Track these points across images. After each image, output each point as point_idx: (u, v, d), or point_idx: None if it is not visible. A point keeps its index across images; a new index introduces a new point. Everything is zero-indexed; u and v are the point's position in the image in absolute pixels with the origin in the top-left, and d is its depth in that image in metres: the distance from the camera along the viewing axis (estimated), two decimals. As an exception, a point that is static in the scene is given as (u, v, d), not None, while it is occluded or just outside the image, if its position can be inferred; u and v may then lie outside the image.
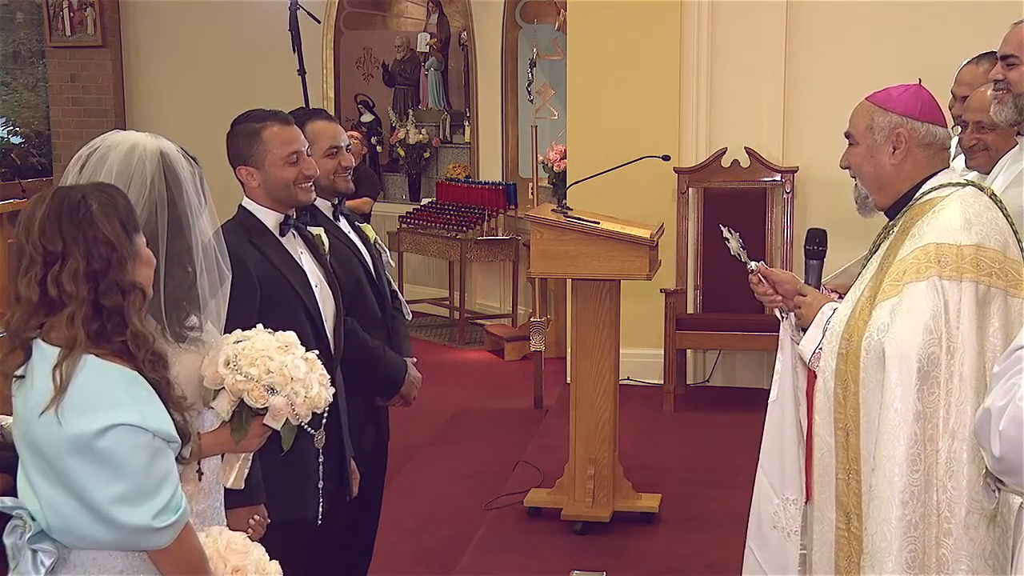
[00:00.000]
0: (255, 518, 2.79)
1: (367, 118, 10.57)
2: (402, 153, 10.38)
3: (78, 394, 2.08)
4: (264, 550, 2.42)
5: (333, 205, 3.76)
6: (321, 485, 3.25)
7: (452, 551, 4.91)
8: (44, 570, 2.13)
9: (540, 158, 8.63)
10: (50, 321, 2.13)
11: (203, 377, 2.41)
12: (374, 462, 3.76)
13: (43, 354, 2.12)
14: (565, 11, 7.55)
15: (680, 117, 6.99)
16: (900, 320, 2.67)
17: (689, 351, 7.07)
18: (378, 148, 10.60)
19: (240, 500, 2.66)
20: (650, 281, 5.09)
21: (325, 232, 3.49)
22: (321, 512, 3.26)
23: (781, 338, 3.12)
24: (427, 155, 10.37)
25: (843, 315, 2.84)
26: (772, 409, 3.12)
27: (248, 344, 2.40)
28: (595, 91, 7.00)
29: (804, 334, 2.99)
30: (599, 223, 4.91)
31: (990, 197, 2.84)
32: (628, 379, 6.58)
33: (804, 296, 2.98)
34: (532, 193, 8.83)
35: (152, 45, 10.65)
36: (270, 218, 3.29)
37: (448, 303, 9.63)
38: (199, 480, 2.45)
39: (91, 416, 2.06)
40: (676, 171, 6.87)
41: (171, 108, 10.23)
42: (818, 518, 2.91)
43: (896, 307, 2.69)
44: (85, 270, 2.11)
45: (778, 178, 6.94)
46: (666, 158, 5.87)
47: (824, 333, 2.87)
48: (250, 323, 2.54)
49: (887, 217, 2.95)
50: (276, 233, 3.29)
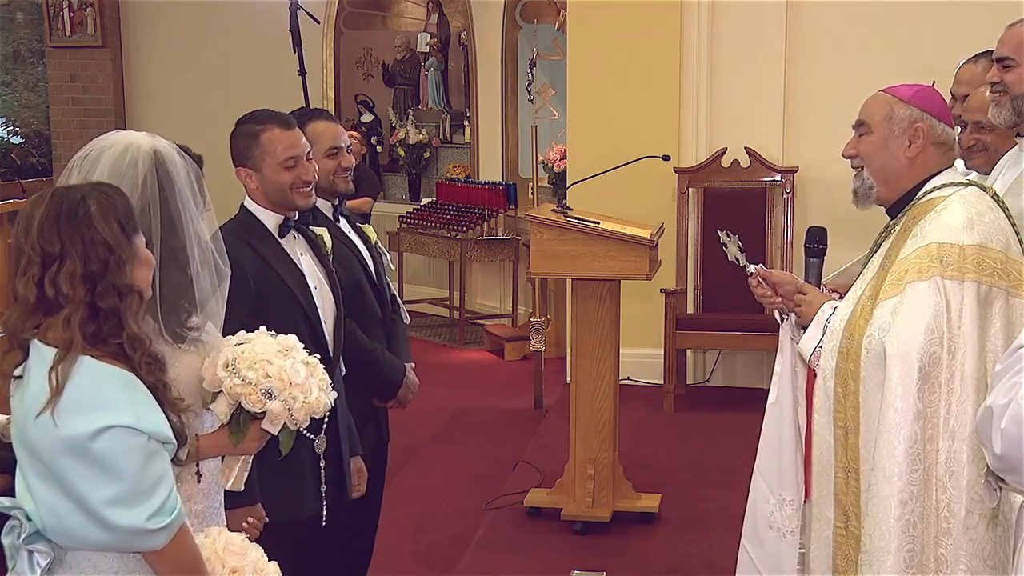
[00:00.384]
0: (249, 520, 2.78)
1: (367, 118, 10.57)
2: (402, 153, 10.38)
3: (74, 395, 2.08)
4: (263, 551, 2.42)
5: (333, 206, 3.75)
6: (324, 489, 3.24)
7: (452, 551, 4.90)
8: (40, 570, 2.13)
9: (540, 158, 8.63)
10: (47, 322, 2.13)
11: (203, 379, 2.41)
12: (374, 462, 3.75)
13: (40, 355, 2.12)
14: (565, 11, 7.55)
15: (680, 117, 6.99)
16: (902, 319, 2.67)
17: (689, 351, 7.07)
18: (378, 148, 10.60)
19: (236, 501, 2.65)
20: (650, 281, 5.09)
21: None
22: (324, 515, 3.25)
23: (781, 340, 3.12)
24: (427, 155, 10.37)
25: (844, 313, 2.84)
26: (771, 411, 3.12)
27: (248, 347, 2.40)
28: (595, 91, 7.00)
29: (804, 332, 2.99)
30: (599, 223, 4.91)
31: (992, 197, 2.84)
32: (628, 379, 6.58)
33: (804, 295, 2.98)
34: (532, 193, 8.83)
35: (152, 45, 10.65)
36: (270, 219, 3.29)
37: (448, 303, 9.63)
38: (198, 481, 2.45)
39: (86, 417, 2.06)
40: (676, 171, 6.87)
41: (171, 108, 10.23)
42: (816, 516, 2.91)
43: (898, 306, 2.69)
44: (82, 272, 2.11)
45: (778, 178, 6.94)
46: (666, 158, 5.87)
47: (824, 331, 2.87)
48: (244, 324, 2.54)
49: (888, 215, 2.95)
50: (276, 235, 3.29)
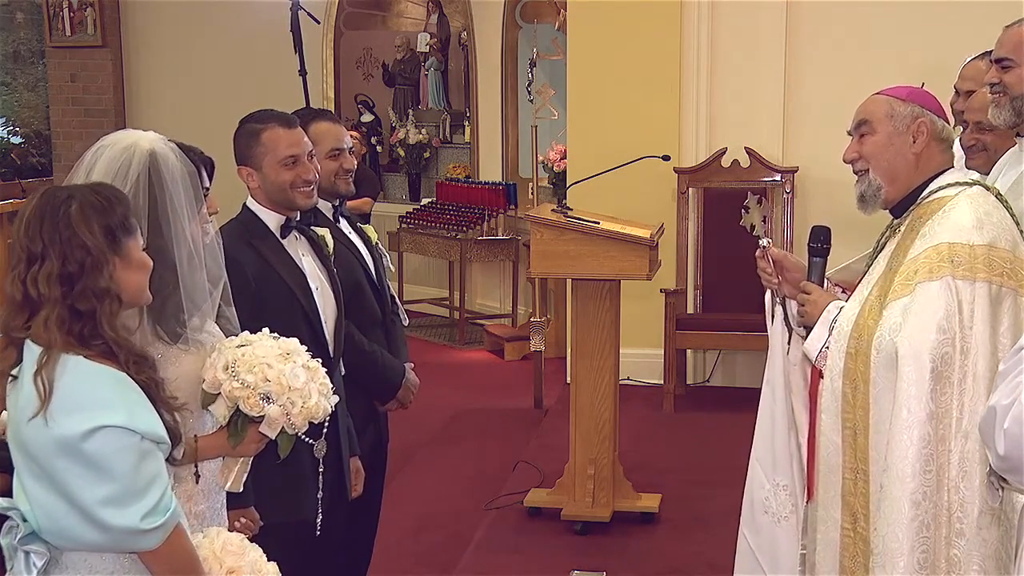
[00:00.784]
0: (241, 520, 2.78)
1: (367, 118, 10.57)
2: (402, 153, 10.37)
3: (66, 395, 2.08)
4: (262, 551, 2.42)
5: (334, 207, 3.75)
6: (320, 495, 3.23)
7: (452, 551, 4.90)
8: (36, 571, 2.13)
9: (540, 158, 8.63)
10: (33, 321, 2.13)
11: (203, 379, 2.41)
12: (373, 463, 3.75)
13: (31, 355, 2.12)
14: (565, 11, 7.55)
15: (680, 117, 6.98)
16: (913, 319, 2.66)
17: (689, 351, 7.07)
18: (378, 148, 10.60)
19: (230, 502, 2.64)
20: (650, 281, 5.09)
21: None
22: (320, 520, 3.24)
23: (771, 326, 3.11)
24: (427, 155, 10.37)
25: (851, 314, 2.83)
26: (764, 392, 3.11)
27: (249, 350, 2.39)
28: (595, 91, 7.00)
29: (803, 330, 2.98)
30: (599, 223, 4.91)
31: (996, 196, 2.84)
32: (628, 379, 6.57)
33: (808, 294, 2.96)
34: (532, 193, 8.83)
35: (152, 45, 10.65)
36: (271, 219, 3.29)
37: (448, 303, 9.62)
38: (196, 482, 2.45)
39: (79, 417, 2.06)
40: (676, 171, 6.87)
41: (171, 108, 10.23)
42: (822, 517, 2.89)
43: (908, 307, 2.68)
44: (59, 272, 2.11)
45: (778, 178, 6.94)
46: (666, 158, 5.87)
47: (830, 332, 2.86)
48: (245, 324, 2.53)
49: (892, 215, 2.94)
50: (277, 235, 3.28)
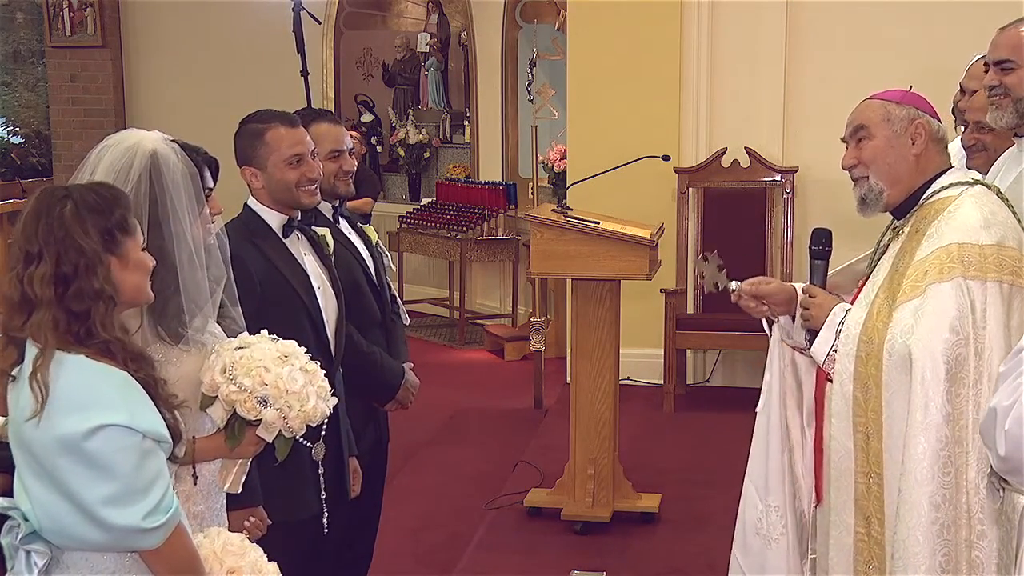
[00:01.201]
0: (250, 519, 2.78)
1: (367, 118, 10.57)
2: (402, 153, 10.38)
3: (67, 394, 2.08)
4: (262, 551, 2.42)
5: (333, 207, 3.75)
6: (323, 496, 3.23)
7: (452, 551, 4.90)
8: (37, 571, 2.13)
9: (540, 158, 8.63)
10: (30, 321, 2.13)
11: (201, 381, 2.41)
12: (373, 463, 3.75)
13: (31, 355, 2.12)
14: (565, 11, 7.55)
15: (680, 117, 6.99)
16: (925, 321, 2.66)
17: (689, 351, 7.06)
18: (378, 148, 10.60)
19: (237, 502, 2.65)
20: (650, 281, 5.09)
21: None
22: (326, 519, 3.24)
23: (770, 348, 3.11)
24: (427, 155, 10.37)
25: (858, 317, 2.82)
26: (759, 418, 3.11)
27: (247, 352, 2.38)
28: (595, 91, 7.00)
29: (804, 333, 2.98)
30: (599, 223, 4.91)
31: (997, 195, 2.84)
32: (628, 379, 6.57)
33: (813, 297, 2.95)
34: (532, 193, 8.83)
35: (152, 45, 10.65)
36: (274, 219, 3.29)
37: (448, 303, 9.63)
38: (194, 483, 2.45)
39: (80, 416, 2.06)
40: (676, 171, 6.87)
41: (171, 108, 10.23)
42: (834, 522, 2.88)
43: (920, 308, 2.68)
44: (53, 273, 2.11)
45: (778, 178, 6.94)
46: (666, 158, 5.87)
47: (837, 335, 2.85)
48: (248, 323, 2.53)
49: (894, 216, 2.93)
50: (280, 234, 3.29)
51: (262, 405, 2.36)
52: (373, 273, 3.77)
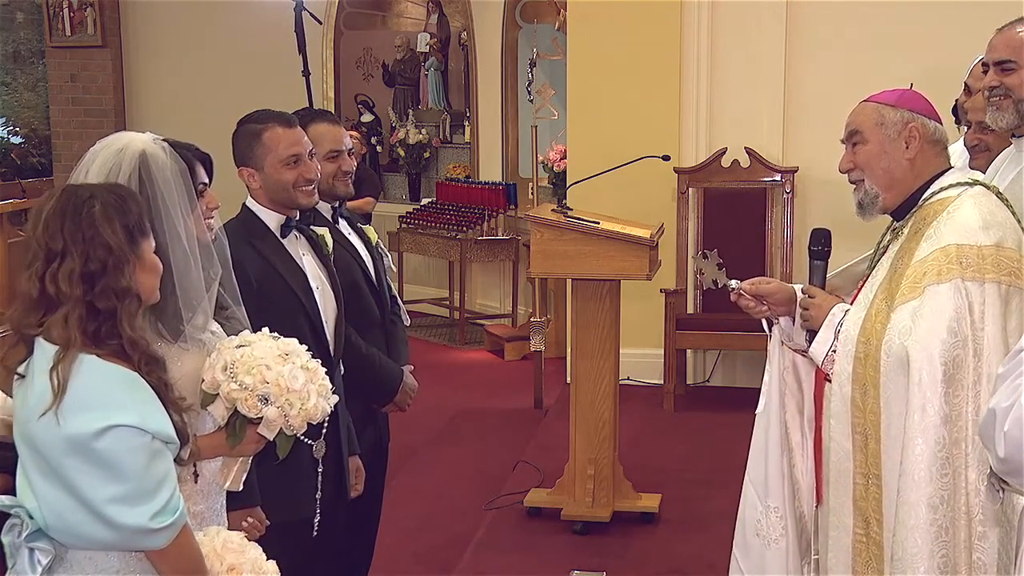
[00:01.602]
0: (248, 520, 2.78)
1: (367, 118, 10.57)
2: (402, 153, 10.38)
3: (78, 394, 2.08)
4: (261, 550, 2.42)
5: (333, 207, 3.75)
6: (319, 495, 3.23)
7: (452, 551, 4.90)
8: (40, 569, 2.13)
9: (540, 158, 8.63)
10: (49, 319, 2.13)
11: (203, 380, 2.41)
12: (374, 463, 3.75)
13: (43, 353, 2.12)
14: (565, 11, 7.55)
15: (680, 117, 6.99)
16: (923, 323, 2.65)
17: (689, 351, 7.07)
18: (378, 148, 10.60)
19: (236, 502, 2.65)
20: (650, 281, 5.09)
21: (326, 233, 3.48)
22: (318, 521, 3.23)
23: (769, 349, 3.11)
24: (427, 155, 10.37)
25: (856, 318, 2.82)
26: (759, 420, 3.11)
27: (248, 351, 2.39)
28: (595, 91, 7.00)
29: (804, 334, 2.98)
30: (599, 223, 4.91)
31: (997, 195, 2.84)
32: (628, 379, 6.58)
33: (812, 298, 2.95)
34: (532, 193, 8.83)
35: (152, 45, 10.65)
36: (272, 219, 3.29)
37: (448, 303, 9.63)
38: (195, 482, 2.45)
39: (90, 416, 2.07)
40: (676, 171, 6.88)
41: (171, 108, 10.23)
42: (834, 523, 2.88)
43: (918, 310, 2.67)
44: (81, 271, 2.12)
45: (778, 178, 6.94)
46: (666, 158, 5.87)
47: (836, 335, 2.85)
48: (247, 324, 2.53)
49: (893, 218, 2.93)
50: (277, 234, 3.28)
51: (263, 403, 2.36)
52: (372, 274, 3.77)
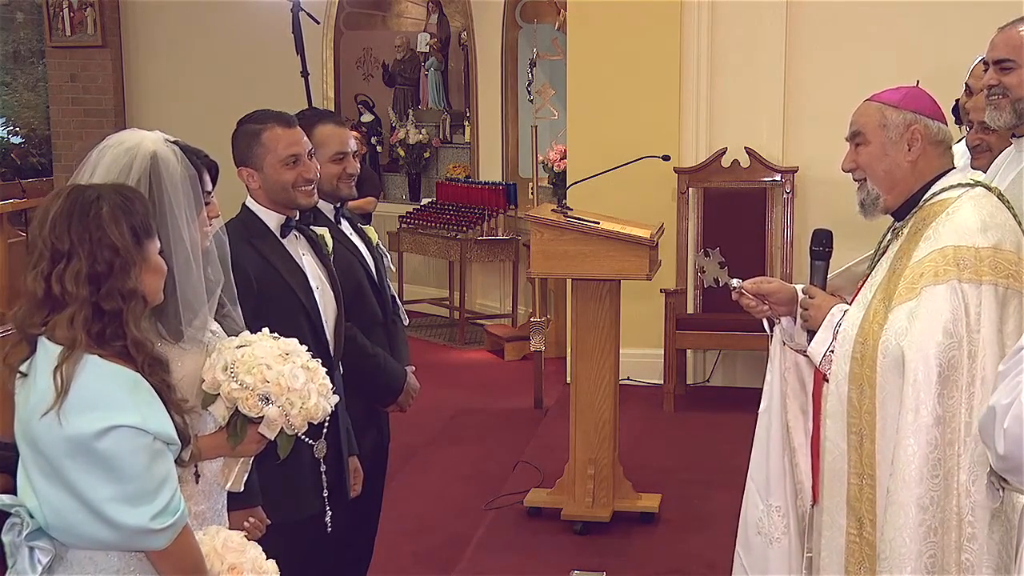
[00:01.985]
0: (250, 520, 2.78)
1: (367, 118, 10.57)
2: (402, 153, 10.38)
3: (80, 394, 2.08)
4: (261, 549, 2.42)
5: (335, 207, 3.75)
6: (326, 495, 3.22)
7: (452, 551, 4.90)
8: (41, 568, 2.13)
9: (540, 158, 8.63)
10: (54, 319, 2.13)
11: (203, 380, 2.41)
12: (374, 464, 3.75)
13: (46, 352, 2.13)
14: (565, 11, 7.55)
15: (680, 117, 6.99)
16: (919, 323, 2.65)
17: (689, 351, 7.07)
18: (378, 148, 10.60)
19: (236, 502, 2.65)
20: (650, 281, 5.09)
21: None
22: (325, 520, 3.23)
23: (771, 349, 3.11)
24: (427, 155, 10.37)
25: (855, 318, 2.82)
26: (761, 418, 3.11)
27: (249, 350, 2.39)
28: (595, 91, 7.00)
29: (805, 334, 2.98)
30: (599, 223, 4.91)
31: (998, 197, 2.84)
32: (628, 379, 6.58)
33: (812, 298, 2.95)
34: (532, 193, 8.83)
35: (152, 45, 10.65)
36: (272, 219, 3.28)
37: (448, 303, 9.63)
38: (196, 482, 2.45)
39: (92, 416, 2.07)
40: (676, 171, 6.88)
41: (171, 108, 10.23)
42: (827, 523, 2.88)
43: (914, 310, 2.67)
44: (88, 272, 2.12)
45: (778, 178, 6.94)
46: (666, 158, 5.87)
47: (834, 335, 2.85)
48: (246, 324, 2.53)
49: (894, 218, 2.93)
50: (277, 234, 3.28)
51: (264, 402, 2.36)
52: (374, 274, 3.77)
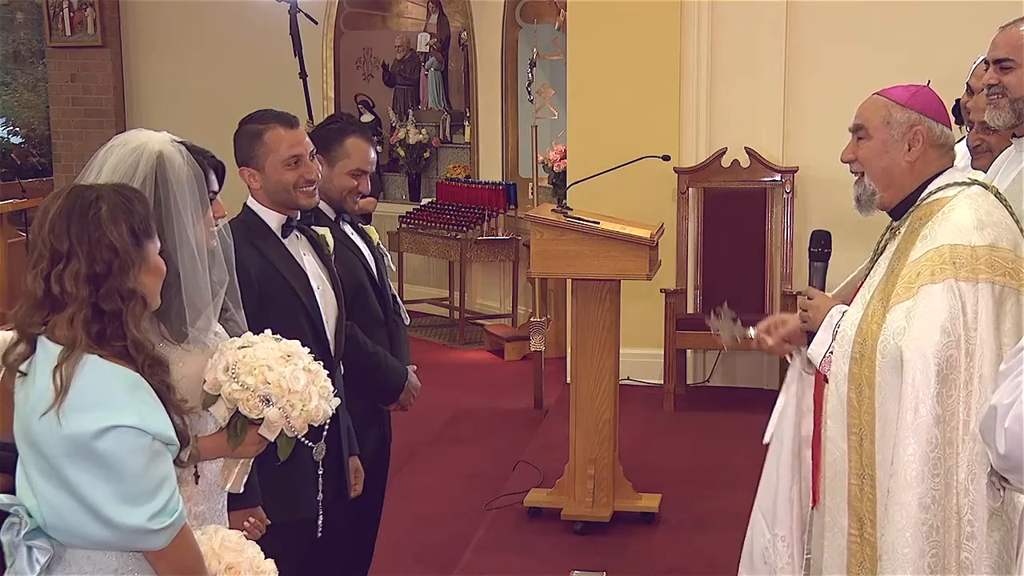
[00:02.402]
0: (250, 520, 2.78)
1: (367, 118, 10.56)
2: (402, 153, 10.38)
3: (79, 393, 2.08)
4: (259, 549, 2.42)
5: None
6: (320, 498, 3.22)
7: (452, 551, 4.90)
8: (39, 568, 2.13)
9: (540, 158, 8.63)
10: (54, 319, 2.13)
11: (204, 380, 2.41)
12: (376, 464, 3.75)
13: (47, 352, 2.13)
14: (565, 11, 7.55)
15: (680, 117, 6.99)
16: (917, 323, 2.65)
17: (689, 351, 7.06)
18: (378, 148, 10.57)
19: (236, 503, 2.65)
20: (650, 281, 5.09)
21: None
22: (320, 523, 3.23)
23: (788, 377, 3.08)
24: (427, 155, 10.37)
25: (853, 318, 2.82)
26: (772, 444, 3.09)
27: (250, 351, 2.39)
28: (595, 91, 7.00)
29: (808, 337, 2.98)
30: (599, 223, 4.91)
31: (995, 195, 2.84)
32: (628, 379, 6.57)
33: (811, 299, 2.94)
34: (532, 193, 8.83)
35: (152, 45, 10.65)
36: (273, 219, 3.28)
37: (448, 303, 9.63)
38: (196, 483, 2.45)
39: (91, 416, 2.07)
40: (676, 171, 6.87)
41: (171, 108, 10.22)
42: (829, 524, 2.88)
43: (912, 310, 2.67)
44: (86, 272, 2.12)
45: (778, 178, 6.94)
46: (666, 158, 5.87)
47: (834, 336, 2.85)
48: (247, 323, 2.53)
49: (891, 217, 2.93)
50: (279, 234, 3.28)
51: (264, 404, 2.36)
52: (376, 273, 3.78)
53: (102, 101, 10.70)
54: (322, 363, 2.50)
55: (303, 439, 2.54)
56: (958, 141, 3.34)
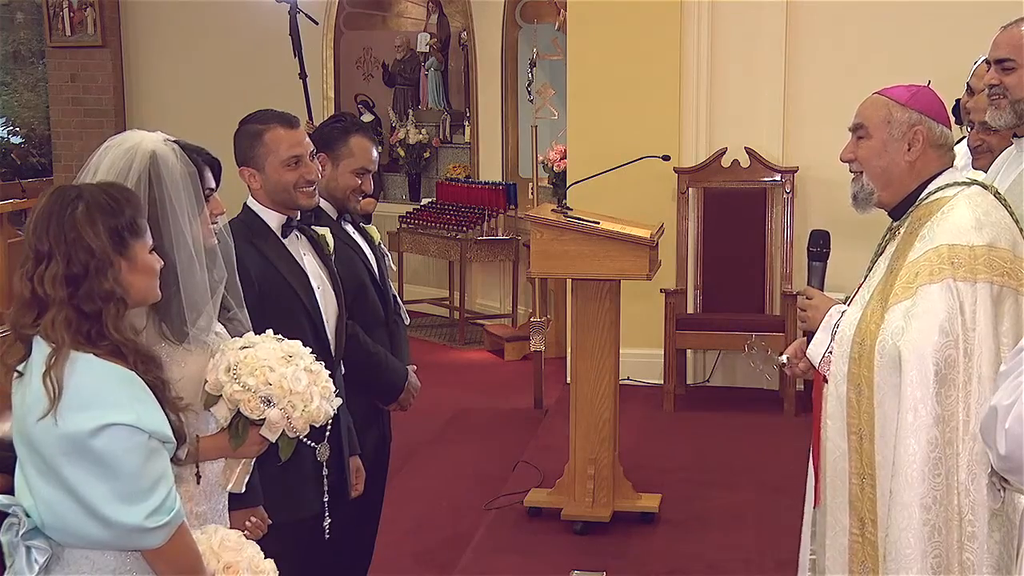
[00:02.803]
0: (251, 520, 2.78)
1: (367, 118, 10.55)
2: (402, 153, 10.38)
3: (75, 392, 2.08)
4: (259, 548, 2.42)
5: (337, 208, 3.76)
6: (326, 499, 3.22)
7: (452, 551, 4.90)
8: (38, 567, 2.13)
9: (540, 158, 8.63)
10: (44, 319, 2.13)
11: (206, 380, 2.41)
12: (376, 464, 3.75)
13: (41, 352, 2.13)
14: (565, 11, 7.55)
15: (680, 117, 6.99)
16: (915, 323, 2.66)
17: (689, 351, 7.06)
18: (378, 148, 10.58)
19: (238, 503, 2.65)
20: (650, 281, 5.09)
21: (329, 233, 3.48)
22: (327, 524, 3.23)
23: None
24: (427, 155, 10.37)
25: (852, 318, 2.82)
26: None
27: (252, 352, 2.39)
28: (595, 91, 7.00)
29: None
30: (599, 223, 4.91)
31: (995, 195, 2.84)
32: (628, 379, 6.57)
33: (810, 299, 2.94)
34: (532, 193, 8.83)
35: (152, 45, 10.65)
36: (273, 219, 3.28)
37: (448, 303, 9.63)
38: (197, 483, 2.45)
39: (87, 415, 2.07)
40: (676, 171, 6.88)
41: (171, 108, 10.23)
42: (831, 524, 2.88)
43: (910, 310, 2.68)
44: (64, 274, 2.12)
45: (778, 178, 6.94)
46: (666, 158, 5.87)
47: (832, 336, 2.85)
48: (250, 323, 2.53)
49: (891, 217, 2.93)
50: (279, 234, 3.28)
51: (266, 404, 2.36)
52: (377, 273, 3.78)
53: (102, 101, 10.69)
54: (323, 363, 2.50)
55: (305, 439, 2.53)
56: (958, 141, 3.35)
